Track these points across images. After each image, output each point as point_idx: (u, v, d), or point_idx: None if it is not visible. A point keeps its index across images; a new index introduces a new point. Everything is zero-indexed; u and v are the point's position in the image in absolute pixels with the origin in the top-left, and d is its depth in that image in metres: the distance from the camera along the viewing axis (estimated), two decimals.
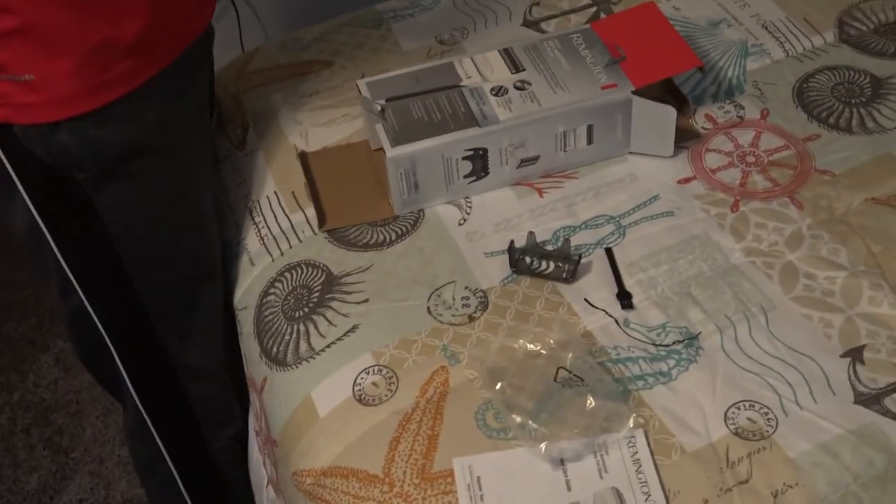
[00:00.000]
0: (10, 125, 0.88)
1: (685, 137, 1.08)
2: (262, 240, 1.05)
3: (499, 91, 1.04)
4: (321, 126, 1.14)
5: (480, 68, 1.07)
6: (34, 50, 0.83)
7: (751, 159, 1.06)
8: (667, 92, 1.13)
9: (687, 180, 1.04)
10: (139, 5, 0.86)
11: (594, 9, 1.25)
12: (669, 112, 1.03)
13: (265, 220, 1.06)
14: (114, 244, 0.99)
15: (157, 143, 0.94)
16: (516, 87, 1.04)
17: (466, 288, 0.96)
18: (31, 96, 0.86)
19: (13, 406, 1.61)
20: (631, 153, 1.07)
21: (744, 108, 1.11)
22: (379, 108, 1.03)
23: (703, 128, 1.10)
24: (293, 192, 1.07)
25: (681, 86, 1.12)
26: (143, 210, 0.97)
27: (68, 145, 0.89)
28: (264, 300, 1.01)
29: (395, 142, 1.00)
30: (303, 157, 1.10)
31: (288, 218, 1.05)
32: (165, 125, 0.94)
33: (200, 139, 1.03)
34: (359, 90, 1.06)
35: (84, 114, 0.87)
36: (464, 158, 1.02)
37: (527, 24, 1.24)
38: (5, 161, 0.89)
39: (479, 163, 1.03)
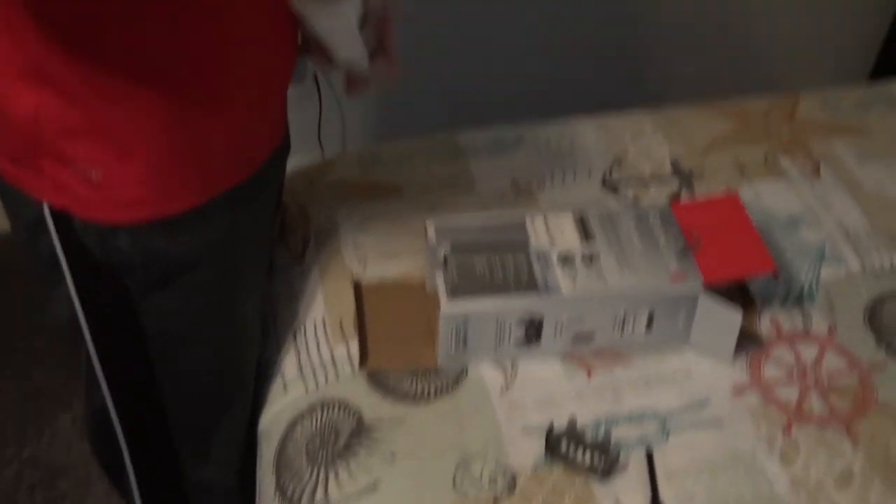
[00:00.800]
0: (70, 215, 0.87)
1: (747, 340, 1.04)
2: (301, 367, 1.03)
3: (566, 260, 1.02)
4: (382, 255, 1.12)
5: (551, 230, 1.05)
6: (104, 148, 0.81)
7: (811, 379, 1.02)
8: (734, 287, 1.10)
9: (742, 389, 1.00)
10: (221, 117, 0.85)
11: (675, 180, 1.23)
12: (735, 317, 0.99)
13: (307, 346, 1.04)
14: (150, 351, 0.97)
15: (214, 256, 0.92)
16: (584, 259, 1.02)
17: (497, 463, 0.93)
18: (94, 193, 0.83)
19: (22, 462, 1.58)
20: (689, 346, 1.04)
21: (811, 320, 1.08)
22: (442, 256, 1.01)
23: (766, 333, 1.06)
24: (340, 322, 1.05)
25: (750, 283, 1.09)
26: (186, 321, 0.96)
27: (124, 249, 0.87)
28: (290, 432, 0.98)
29: (453, 295, 0.98)
30: (357, 286, 1.09)
31: (330, 349, 1.03)
32: (227, 239, 0.92)
33: (258, 255, 1.02)
34: (426, 231, 1.05)
35: (146, 221, 0.86)
36: (518, 324, 1.00)
37: (605, 184, 1.22)
38: (59, 249, 0.87)
39: (532, 330, 1.01)
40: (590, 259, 1.02)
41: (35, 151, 0.80)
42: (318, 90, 1.82)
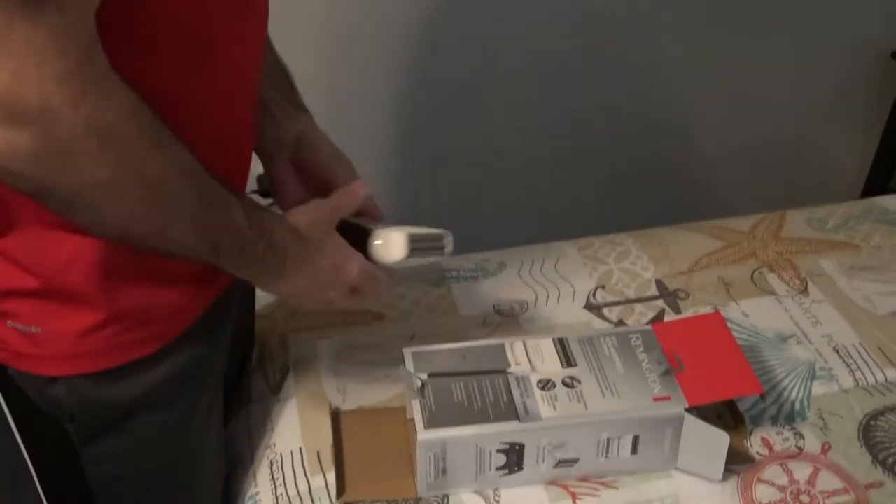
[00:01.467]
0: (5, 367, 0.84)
1: (737, 460, 1.01)
2: (277, 499, 0.99)
3: (546, 385, 1.00)
4: (361, 384, 1.11)
5: (531, 356, 1.03)
6: (47, 307, 0.80)
7: (805, 499, 0.98)
8: (723, 405, 1.07)
9: None
10: (175, 276, 0.84)
11: (660, 301, 1.22)
12: (722, 438, 0.96)
13: (283, 478, 1.01)
14: (97, 497, 0.94)
15: (163, 400, 0.89)
16: (564, 384, 1.00)
17: None
18: (31, 348, 0.81)
19: None
20: (677, 469, 1.01)
21: (804, 438, 1.04)
22: (419, 383, 0.99)
23: (757, 453, 1.03)
24: (318, 453, 1.03)
25: (738, 402, 1.07)
26: (135, 466, 0.92)
27: (62, 399, 0.84)
28: None
29: (430, 423, 0.96)
30: (335, 414, 1.07)
31: (308, 481, 1.00)
32: (175, 382, 0.89)
33: (213, 392, 0.98)
34: (403, 361, 1.03)
35: (86, 374, 0.83)
36: (498, 451, 0.97)
37: (589, 307, 1.21)
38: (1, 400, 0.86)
39: (513, 457, 0.98)
40: (571, 383, 1.00)
41: None
42: None
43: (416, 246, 0.91)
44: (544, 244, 1.33)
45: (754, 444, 1.04)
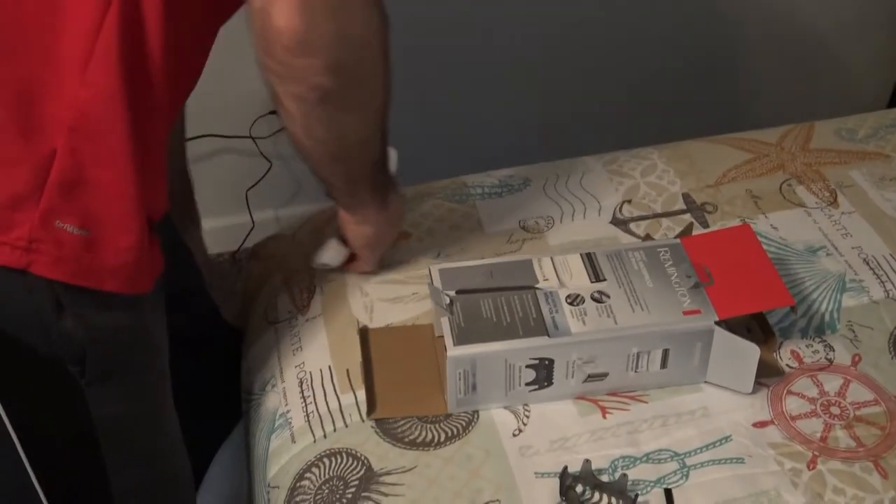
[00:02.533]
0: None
1: (767, 373, 1.01)
2: (308, 416, 1.01)
3: (574, 300, 0.99)
4: (388, 301, 1.11)
5: (559, 271, 1.03)
6: (104, 212, 0.81)
7: (835, 411, 0.98)
8: (752, 319, 1.06)
9: (763, 424, 0.97)
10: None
11: (688, 215, 1.20)
12: (752, 350, 0.96)
13: (314, 396, 1.02)
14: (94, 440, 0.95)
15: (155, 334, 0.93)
16: (594, 299, 1.00)
17: None
18: (81, 253, 0.81)
19: None
20: (706, 382, 1.01)
21: (834, 350, 1.04)
22: (447, 300, 0.99)
23: (787, 365, 1.03)
24: (347, 370, 1.03)
25: (768, 315, 1.06)
26: (137, 405, 0.95)
27: (72, 332, 0.85)
28: (298, 484, 0.95)
29: (459, 340, 0.96)
30: (363, 332, 1.07)
31: (338, 397, 1.01)
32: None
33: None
34: (430, 277, 1.03)
35: (103, 296, 0.84)
36: (528, 366, 0.97)
37: (616, 221, 1.20)
38: None
39: (543, 372, 0.98)
40: (600, 298, 1.00)
41: (34, 204, 0.79)
42: None
43: None
44: (569, 159, 1.31)
45: (784, 357, 1.04)
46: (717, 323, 0.97)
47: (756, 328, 1.06)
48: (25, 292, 0.82)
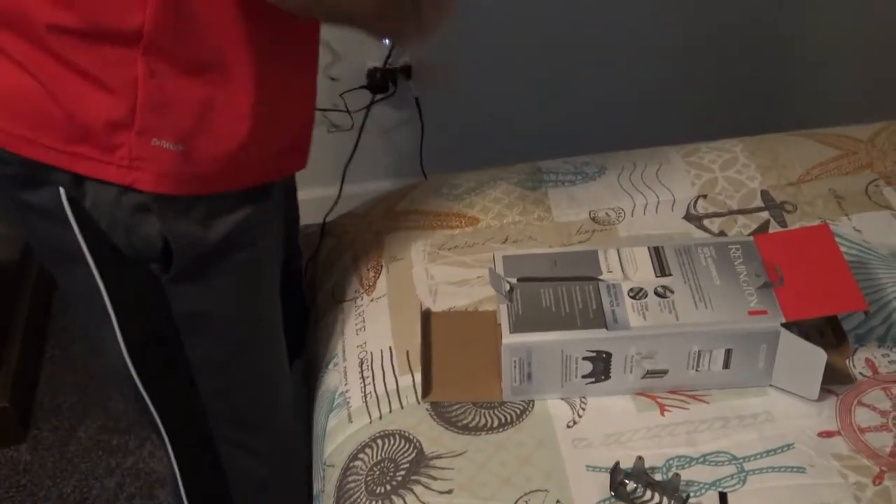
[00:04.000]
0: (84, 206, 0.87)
1: (837, 380, 0.97)
2: (366, 397, 1.02)
3: (637, 293, 0.98)
4: (453, 285, 1.11)
5: (624, 264, 1.01)
6: (198, 120, 0.85)
7: None
8: (826, 322, 1.03)
9: (829, 434, 0.93)
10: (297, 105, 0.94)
11: (765, 213, 1.17)
12: (819, 355, 0.93)
13: (373, 377, 1.03)
14: (178, 338, 0.98)
15: (242, 241, 0.94)
16: (657, 293, 0.97)
17: (559, 501, 0.89)
18: (173, 167, 0.85)
19: (124, 472, 1.64)
20: (771, 386, 0.98)
21: None
22: (507, 287, 0.99)
23: (860, 374, 0.99)
24: (407, 352, 1.04)
25: (844, 319, 1.02)
26: (217, 308, 0.97)
27: (153, 236, 0.88)
28: (352, 464, 0.97)
29: (515, 328, 0.95)
30: (426, 315, 1.07)
31: (396, 379, 1.02)
32: (250, 223, 0.94)
33: (276, 240, 1.04)
34: (493, 262, 1.03)
35: (183, 201, 0.87)
36: (584, 359, 0.96)
37: (689, 217, 1.17)
38: (77, 232, 0.88)
39: (600, 365, 0.96)
40: (664, 293, 0.98)
41: (127, 123, 0.83)
42: (420, 115, 1.85)
43: None
44: (649, 149, 1.28)
45: (857, 365, 1.00)
46: (785, 325, 0.94)
47: (829, 332, 1.02)
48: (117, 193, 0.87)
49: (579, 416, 0.97)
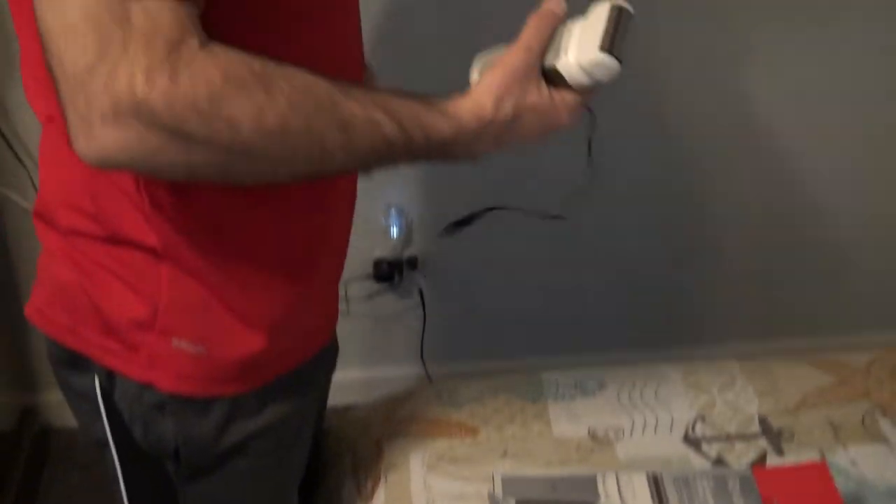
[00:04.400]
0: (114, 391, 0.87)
1: None
2: None
3: None
4: (451, 499, 1.10)
5: (623, 491, 1.01)
6: (218, 324, 0.84)
7: None
8: None
9: None
10: (313, 297, 0.92)
11: (763, 440, 1.18)
12: None
13: None
14: None
15: (261, 446, 0.92)
16: None
17: None
18: (191, 368, 0.85)
19: None
20: None
21: None
22: None
23: None
24: None
25: None
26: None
27: (167, 436, 0.88)
28: None
29: None
30: None
31: None
32: (274, 425, 0.92)
33: (305, 437, 1.01)
34: (493, 483, 1.03)
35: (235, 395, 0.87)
36: None
37: (688, 440, 1.18)
38: (105, 421, 0.89)
39: None
40: None
41: (149, 323, 0.83)
42: (423, 304, 1.88)
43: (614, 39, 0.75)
44: (648, 366, 1.31)
45: None
46: None
47: None
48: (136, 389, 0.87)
49: None
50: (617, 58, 0.74)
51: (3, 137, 1.56)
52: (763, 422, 1.20)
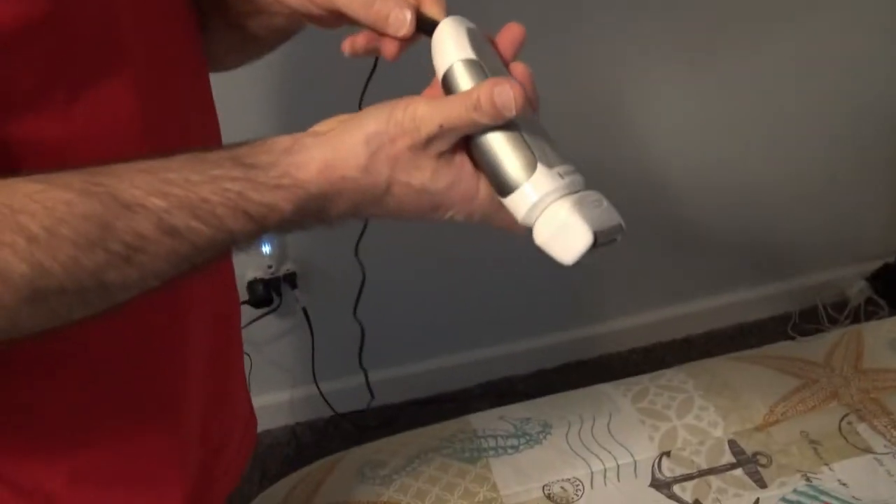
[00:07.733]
0: None
1: None
2: None
3: None
4: None
5: None
6: None
7: None
8: None
9: None
10: None
11: (739, 471, 1.03)
12: None
13: None
14: None
15: None
16: None
17: None
18: None
19: None
20: None
21: None
22: None
23: None
24: None
25: None
26: None
27: None
28: None
29: None
30: None
31: None
32: None
33: None
34: None
35: None
36: None
37: (656, 484, 1.01)
38: None
39: None
40: None
41: None
42: (309, 323, 1.68)
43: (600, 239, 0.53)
44: (591, 392, 1.13)
45: None
46: None
47: None
48: None
49: None
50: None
51: None
52: (733, 446, 1.05)
